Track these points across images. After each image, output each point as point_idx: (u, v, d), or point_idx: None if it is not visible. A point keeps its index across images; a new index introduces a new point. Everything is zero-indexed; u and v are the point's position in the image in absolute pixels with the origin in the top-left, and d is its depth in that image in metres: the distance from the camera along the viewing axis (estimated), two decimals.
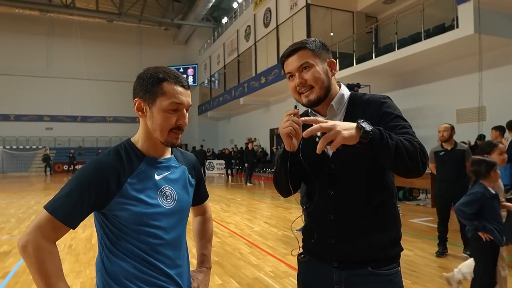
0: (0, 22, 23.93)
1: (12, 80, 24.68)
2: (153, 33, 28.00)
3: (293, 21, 15.55)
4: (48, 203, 1.07)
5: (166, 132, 1.14)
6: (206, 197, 1.49)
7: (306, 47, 1.26)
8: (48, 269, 1.03)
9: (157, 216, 1.15)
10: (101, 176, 1.09)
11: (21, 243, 1.03)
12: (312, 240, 1.38)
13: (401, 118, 1.26)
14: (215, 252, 4.78)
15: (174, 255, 1.21)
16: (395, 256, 1.30)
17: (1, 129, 24.65)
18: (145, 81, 1.14)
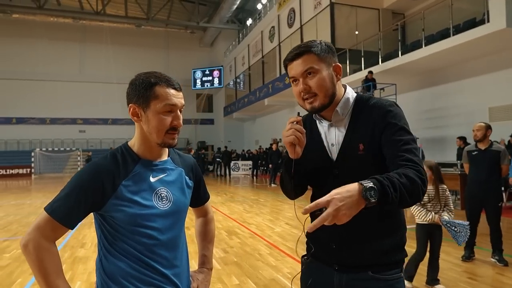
0: (37, 31, 25.21)
1: (48, 86, 25.92)
2: (179, 36, 28.57)
3: (317, 21, 15.42)
4: (48, 205, 1.12)
5: (162, 133, 1.17)
6: (207, 198, 1.50)
7: (311, 51, 1.22)
8: (47, 267, 1.08)
9: (152, 217, 1.18)
10: (97, 178, 1.12)
11: (22, 242, 1.09)
12: (315, 243, 1.38)
13: (405, 130, 1.22)
14: (235, 252, 4.82)
15: (170, 256, 1.23)
16: (398, 261, 1.27)
17: (38, 132, 25.94)
18: (137, 86, 1.17)
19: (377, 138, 1.22)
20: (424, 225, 3.45)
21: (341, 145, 1.29)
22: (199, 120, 30.16)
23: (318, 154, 1.34)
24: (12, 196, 12.15)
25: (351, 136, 1.27)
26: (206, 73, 28.38)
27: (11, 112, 25.58)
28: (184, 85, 28.71)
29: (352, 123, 1.28)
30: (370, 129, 1.23)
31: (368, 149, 1.23)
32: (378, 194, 0.99)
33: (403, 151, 1.17)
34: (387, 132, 1.21)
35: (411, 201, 1.09)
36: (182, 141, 29.44)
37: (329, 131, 1.33)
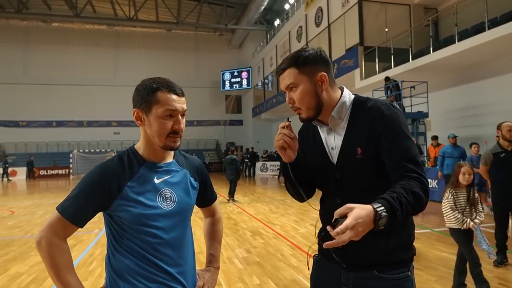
0: (74, 38, 26.44)
1: (84, 90, 27.12)
2: (208, 39, 29.00)
3: (345, 19, 15.16)
4: (59, 204, 1.19)
5: (163, 137, 1.22)
6: (214, 199, 1.54)
7: (292, 65, 1.26)
8: (58, 262, 1.14)
9: (156, 217, 1.22)
10: (104, 180, 1.19)
11: (36, 239, 1.16)
12: (324, 242, 1.41)
13: (403, 135, 1.21)
14: (258, 252, 4.85)
15: (175, 254, 1.27)
16: (405, 260, 1.28)
17: (76, 134, 27.20)
18: (141, 92, 1.22)
19: (374, 142, 1.23)
20: (461, 230, 3.29)
21: (340, 149, 1.31)
22: (228, 121, 30.47)
23: (320, 158, 1.37)
24: (51, 195, 12.84)
25: (349, 140, 1.28)
26: (234, 74, 28.64)
27: (51, 116, 26.99)
28: (213, 87, 29.26)
29: (350, 126, 1.30)
30: (367, 133, 1.24)
31: (365, 152, 1.24)
32: (387, 221, 1.02)
33: (405, 160, 1.17)
34: (385, 138, 1.21)
35: (414, 213, 1.15)
36: (212, 142, 29.89)
37: (328, 135, 1.36)
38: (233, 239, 5.66)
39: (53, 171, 24.55)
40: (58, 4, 24.04)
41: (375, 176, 1.25)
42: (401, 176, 1.16)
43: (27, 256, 4.89)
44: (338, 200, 1.30)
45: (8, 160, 23.33)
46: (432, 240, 5.31)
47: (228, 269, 4.17)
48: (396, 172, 1.18)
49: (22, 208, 9.80)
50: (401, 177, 1.16)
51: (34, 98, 26.35)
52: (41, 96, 26.50)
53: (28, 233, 6.48)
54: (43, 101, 26.51)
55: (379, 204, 1.03)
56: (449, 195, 3.33)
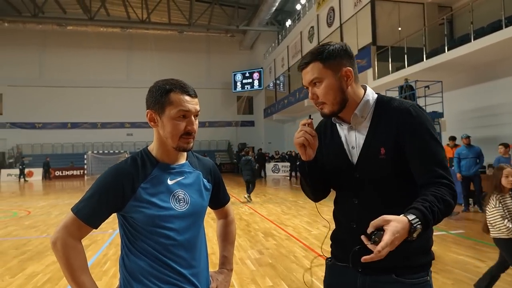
0: (88, 41, 26.88)
1: (98, 92, 27.55)
2: (220, 40, 29.12)
3: (357, 19, 15.04)
4: (74, 205, 1.20)
5: (176, 138, 1.22)
6: (227, 200, 1.53)
7: (317, 59, 1.23)
8: (73, 263, 1.15)
9: (170, 219, 1.22)
10: (118, 181, 1.19)
11: (52, 240, 1.17)
12: (338, 245, 1.40)
13: (432, 138, 1.19)
14: (270, 254, 4.83)
15: (188, 256, 1.26)
16: (424, 264, 1.25)
17: (90, 135, 27.64)
18: (154, 93, 1.23)
19: (400, 144, 1.20)
20: (508, 239, 2.99)
21: (361, 148, 1.27)
22: (240, 122, 30.53)
23: (339, 157, 1.34)
24: (66, 196, 13.05)
25: (372, 139, 1.25)
26: (246, 75, 28.69)
27: (66, 118, 27.48)
28: (225, 88, 29.36)
29: (373, 125, 1.26)
30: (393, 133, 1.21)
31: (390, 153, 1.21)
32: (420, 232, 1.02)
33: (434, 164, 1.15)
34: (413, 140, 1.18)
35: (443, 218, 1.14)
36: (223, 143, 29.98)
37: (349, 134, 1.32)
38: (245, 240, 5.65)
39: (68, 172, 24.98)
40: (73, 8, 24.47)
41: (395, 176, 1.22)
42: (430, 181, 1.14)
43: (43, 255, 4.97)
44: (356, 201, 1.28)
45: (25, 161, 23.82)
46: (448, 242, 5.20)
47: (241, 270, 4.17)
48: (424, 176, 1.16)
49: (38, 208, 9.99)
50: (431, 183, 1.14)
51: (50, 100, 26.89)
52: (57, 98, 27.02)
53: (44, 233, 6.60)
54: (59, 103, 27.03)
55: (414, 216, 1.02)
56: (496, 202, 3.02)
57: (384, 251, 0.97)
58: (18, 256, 4.98)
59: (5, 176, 23.36)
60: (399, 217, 1.02)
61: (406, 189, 1.22)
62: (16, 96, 26.60)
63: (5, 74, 26.45)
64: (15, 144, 26.64)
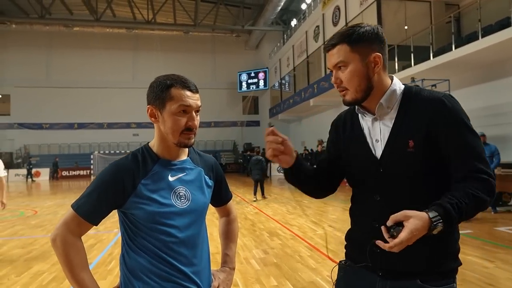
0: (95, 42, 27.06)
1: (105, 92, 27.72)
2: (225, 40, 29.14)
3: (363, 17, 14.92)
4: (74, 202, 1.19)
5: (177, 134, 1.20)
6: (229, 198, 1.51)
7: (345, 41, 1.15)
8: (72, 260, 1.14)
9: (170, 215, 1.20)
10: (117, 177, 1.18)
11: (51, 237, 1.16)
12: (355, 247, 1.31)
13: (469, 130, 1.11)
14: (275, 253, 4.80)
15: (189, 253, 1.24)
16: (451, 270, 1.16)
17: (96, 136, 27.82)
18: (155, 88, 1.21)
19: (432, 137, 1.11)
20: None
21: (387, 140, 1.19)
22: (245, 122, 30.52)
23: (360, 151, 1.25)
24: (73, 195, 13.15)
25: (399, 131, 1.16)
26: (251, 75, 28.68)
27: (73, 118, 27.69)
28: (230, 88, 29.38)
29: (400, 117, 1.17)
30: (424, 125, 1.12)
31: (419, 146, 1.12)
32: (441, 229, 1.00)
33: (473, 157, 1.08)
34: (448, 133, 1.10)
35: (477, 212, 1.09)
36: (229, 143, 29.99)
37: (373, 126, 1.23)
38: (250, 240, 5.62)
39: (75, 172, 25.16)
40: (79, 9, 24.64)
41: (424, 171, 1.12)
42: (467, 176, 1.07)
43: (48, 254, 4.99)
44: (378, 197, 1.19)
45: (32, 161, 24.02)
46: None
47: (245, 270, 4.14)
48: (461, 170, 1.08)
49: (45, 208, 10.06)
50: (467, 177, 1.07)
51: (57, 101, 27.12)
52: (63, 99, 27.25)
53: (50, 232, 6.59)
54: (65, 104, 27.25)
55: (436, 213, 0.98)
56: None
57: (396, 248, 0.97)
58: (24, 255, 5.00)
59: (13, 176, 23.57)
60: (420, 213, 0.98)
61: (433, 186, 1.14)
62: (24, 97, 26.85)
63: (12, 75, 26.72)
64: (23, 144, 26.91)
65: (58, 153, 26.93)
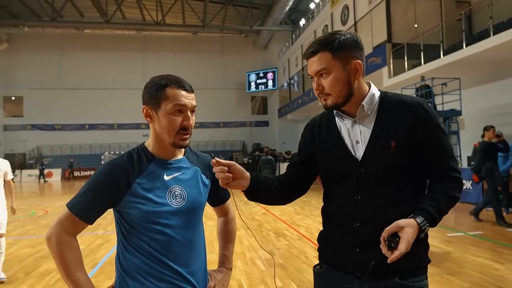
0: (105, 44, 27.40)
1: (115, 94, 27.99)
2: (234, 41, 29.17)
3: (372, 16, 14.81)
4: (69, 201, 1.19)
5: (173, 134, 1.20)
6: (227, 198, 1.49)
7: (326, 49, 1.18)
8: (67, 258, 1.14)
9: (165, 215, 1.20)
10: (112, 176, 1.18)
11: (46, 235, 1.16)
12: (331, 248, 1.30)
13: (442, 131, 1.21)
14: (281, 254, 4.78)
15: (185, 253, 1.23)
16: (424, 267, 1.22)
17: (107, 137, 28.12)
18: (150, 88, 1.21)
19: (413, 137, 1.17)
20: None
21: (367, 142, 1.21)
22: (254, 122, 30.52)
23: (339, 152, 1.26)
24: None
25: (380, 133, 1.20)
26: (260, 75, 28.65)
27: (84, 119, 28.05)
28: (239, 88, 29.40)
29: (380, 119, 1.21)
30: (406, 126, 1.18)
31: (401, 147, 1.17)
32: (429, 224, 1.11)
33: (447, 157, 1.19)
34: (430, 136, 1.18)
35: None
36: (238, 143, 30.02)
37: (352, 128, 1.26)
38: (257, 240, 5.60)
39: (86, 172, 25.45)
40: (90, 11, 24.95)
41: (403, 170, 1.18)
42: (443, 175, 1.19)
43: None
44: (359, 197, 1.20)
45: (44, 162, 24.40)
46: (465, 244, 5.03)
47: (251, 271, 4.12)
48: (438, 169, 1.20)
49: (56, 208, 10.20)
50: (443, 177, 1.18)
51: (68, 102, 27.50)
52: (75, 100, 27.62)
53: None
54: (77, 105, 27.61)
55: (423, 218, 1.08)
56: None
57: (396, 257, 1.04)
58: (33, 254, 5.07)
59: (26, 177, 23.99)
60: (410, 221, 1.07)
61: (411, 184, 1.20)
62: (36, 98, 27.29)
63: (25, 77, 27.19)
64: (35, 145, 27.36)
65: (70, 153, 27.31)
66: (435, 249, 4.79)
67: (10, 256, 4.98)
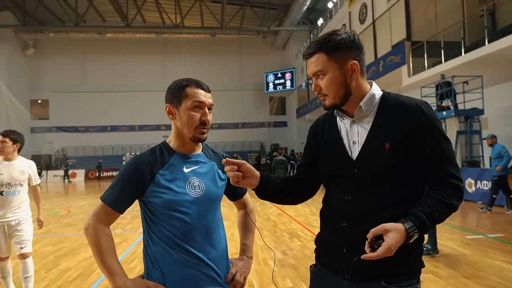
0: (126, 47, 28.01)
1: (136, 96, 28.60)
2: (251, 42, 29.27)
3: (391, 14, 14.57)
4: (102, 194, 1.34)
5: (192, 128, 1.34)
6: (244, 192, 1.60)
7: (322, 50, 1.19)
8: (102, 246, 1.27)
9: (185, 203, 1.32)
10: (138, 169, 1.31)
11: (84, 226, 1.31)
12: (323, 248, 1.33)
13: (442, 136, 1.16)
14: (294, 255, 4.78)
15: (203, 240, 1.34)
16: (414, 272, 1.19)
17: (128, 138, 28.77)
18: (172, 89, 1.38)
19: (409, 140, 1.15)
20: None
21: (363, 142, 1.21)
22: (272, 123, 30.50)
23: (337, 152, 1.28)
24: None
25: (376, 134, 1.19)
26: (278, 76, 28.63)
27: (106, 121, 28.79)
28: (257, 89, 29.48)
29: (377, 120, 1.21)
30: (402, 129, 1.15)
31: (395, 149, 1.15)
32: (417, 237, 1.08)
33: (446, 163, 1.15)
34: (426, 140, 1.14)
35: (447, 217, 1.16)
36: (256, 144, 30.08)
37: (351, 128, 1.26)
38: (270, 241, 5.63)
39: (108, 173, 26.09)
40: (112, 16, 25.61)
41: (395, 173, 1.16)
42: (440, 181, 1.15)
43: (76, 252, 5.23)
44: (349, 196, 1.21)
45: (69, 163, 25.18)
46: (484, 246, 4.89)
47: (262, 271, 4.15)
48: (435, 175, 1.16)
49: (78, 207, 10.53)
50: (440, 183, 1.14)
51: (91, 105, 28.29)
52: (97, 103, 28.38)
53: (80, 230, 6.93)
54: (99, 108, 28.37)
55: (411, 224, 1.06)
56: None
57: (377, 258, 1.04)
58: (55, 252, 5.27)
59: (51, 177, 24.84)
60: (397, 225, 1.05)
61: (404, 187, 1.17)
62: (61, 101, 28.23)
63: (51, 81, 28.17)
64: (60, 146, 28.27)
65: (93, 154, 28.10)
66: (452, 251, 4.68)
67: (33, 254, 5.15)
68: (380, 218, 1.12)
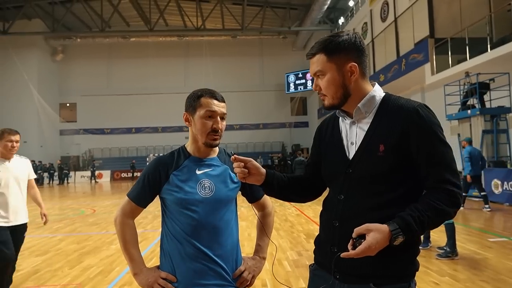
0: (149, 51, 28.68)
1: (159, 98, 29.19)
2: (272, 42, 29.29)
3: (413, 11, 14.26)
4: (129, 191, 1.53)
5: (205, 134, 1.46)
6: (261, 195, 1.67)
7: (322, 51, 1.21)
8: (125, 237, 1.48)
9: (194, 202, 1.44)
10: (156, 169, 1.48)
11: (114, 219, 1.52)
12: (318, 248, 1.36)
13: (439, 139, 1.14)
14: (309, 256, 4.78)
15: (210, 238, 1.44)
16: (406, 275, 1.18)
17: (151, 139, 29.42)
18: (189, 98, 1.52)
19: (404, 143, 1.15)
20: None
21: (359, 144, 1.23)
22: (293, 123, 30.39)
23: (336, 152, 1.30)
24: None
25: (372, 135, 1.20)
26: (299, 76, 28.50)
27: (131, 123, 29.56)
28: (278, 90, 29.48)
29: (375, 121, 1.22)
30: (397, 132, 1.15)
31: (389, 151, 1.15)
32: (402, 240, 1.07)
33: (441, 167, 1.13)
34: (420, 143, 1.13)
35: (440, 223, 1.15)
36: (277, 144, 30.05)
37: (350, 128, 1.28)
38: (287, 241, 5.65)
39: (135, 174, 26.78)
40: (135, 20, 26.29)
41: (389, 176, 1.16)
42: (434, 186, 1.13)
43: (99, 250, 5.43)
44: (342, 196, 1.23)
45: (96, 163, 26.00)
46: (507, 249, 4.73)
47: (276, 271, 4.18)
48: (430, 179, 1.14)
49: (103, 207, 10.88)
50: (434, 188, 1.12)
51: (116, 107, 29.12)
52: (122, 106, 29.18)
53: (103, 229, 7.17)
54: (124, 110, 29.16)
55: (396, 226, 1.05)
56: None
57: (359, 256, 1.06)
58: (78, 250, 5.49)
59: (79, 178, 25.72)
60: (381, 226, 1.06)
61: (397, 189, 1.17)
62: (88, 105, 29.21)
63: (78, 85, 29.21)
64: (87, 148, 29.24)
65: (118, 156, 28.92)
66: (472, 254, 4.56)
67: (58, 251, 5.44)
68: (371, 219, 1.12)
